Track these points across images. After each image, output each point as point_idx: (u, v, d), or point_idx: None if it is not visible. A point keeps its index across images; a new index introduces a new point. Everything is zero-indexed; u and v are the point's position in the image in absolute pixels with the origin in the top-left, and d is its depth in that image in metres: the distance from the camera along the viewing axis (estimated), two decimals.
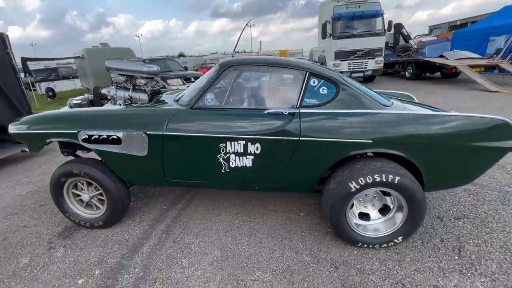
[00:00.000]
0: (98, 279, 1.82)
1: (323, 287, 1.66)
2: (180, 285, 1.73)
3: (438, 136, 1.76)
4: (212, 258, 1.94)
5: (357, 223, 1.94)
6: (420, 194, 1.73)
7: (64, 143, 2.29)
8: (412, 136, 1.76)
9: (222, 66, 2.00)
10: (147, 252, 2.05)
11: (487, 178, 2.84)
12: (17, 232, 2.41)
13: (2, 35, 3.97)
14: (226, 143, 1.89)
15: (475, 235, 2.01)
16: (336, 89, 1.89)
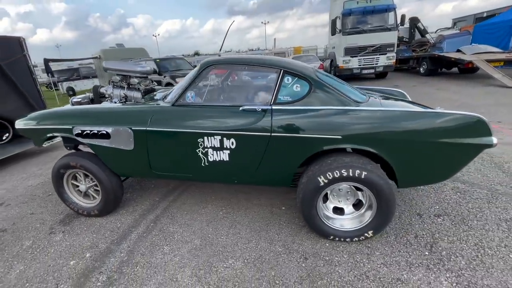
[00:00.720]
0: (88, 261, 2.00)
1: (289, 276, 1.74)
2: (158, 268, 1.88)
3: (409, 132, 1.77)
4: (192, 246, 2.08)
5: (328, 216, 1.99)
6: (388, 190, 1.76)
7: (66, 138, 2.50)
8: (381, 132, 1.79)
9: (202, 66, 2.11)
10: (134, 239, 2.22)
11: (480, 176, 2.77)
12: (25, 218, 2.67)
13: (19, 39, 4.32)
14: (204, 138, 2.00)
15: (452, 232, 2.00)
16: (309, 86, 1.95)
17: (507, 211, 2.17)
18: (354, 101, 1.94)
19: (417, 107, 2.14)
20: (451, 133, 1.76)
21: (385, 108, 1.85)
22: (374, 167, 1.79)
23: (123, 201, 2.81)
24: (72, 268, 1.95)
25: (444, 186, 2.62)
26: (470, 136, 1.76)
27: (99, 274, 1.87)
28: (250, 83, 2.22)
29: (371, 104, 1.98)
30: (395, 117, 1.79)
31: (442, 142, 1.76)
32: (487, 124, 1.75)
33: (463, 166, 1.90)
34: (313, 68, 2.18)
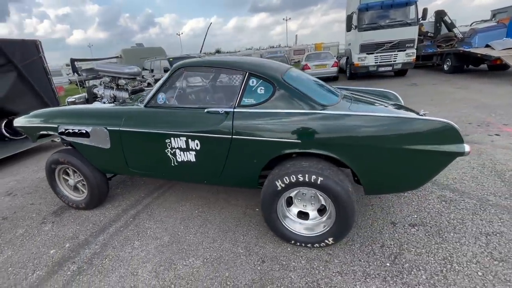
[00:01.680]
0: (65, 251, 2.16)
1: (242, 278, 1.75)
2: (123, 262, 1.98)
3: (370, 138, 1.70)
4: (160, 243, 2.16)
5: (291, 221, 1.97)
6: (345, 196, 1.70)
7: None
8: (341, 137, 1.73)
9: (173, 68, 2.17)
10: (111, 232, 2.35)
11: (474, 184, 2.56)
12: (25, 208, 2.93)
13: (35, 42, 4.69)
14: (171, 139, 2.07)
15: (422, 244, 1.89)
16: (272, 89, 1.93)
17: (492, 224, 2.01)
18: (320, 104, 1.89)
19: (393, 111, 2.04)
20: (418, 140, 1.66)
21: (347, 112, 1.78)
22: (333, 173, 1.74)
23: (112, 196, 2.98)
24: (51, 256, 2.12)
25: (430, 194, 2.47)
26: (439, 143, 1.65)
27: (72, 264, 2.01)
28: (219, 85, 2.24)
29: (339, 107, 1.92)
30: (356, 121, 1.73)
31: (407, 149, 1.67)
32: (457, 131, 1.63)
33: (434, 175, 1.79)
34: (285, 69, 2.15)
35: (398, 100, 2.82)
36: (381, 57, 9.76)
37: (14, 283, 1.88)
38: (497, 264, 1.67)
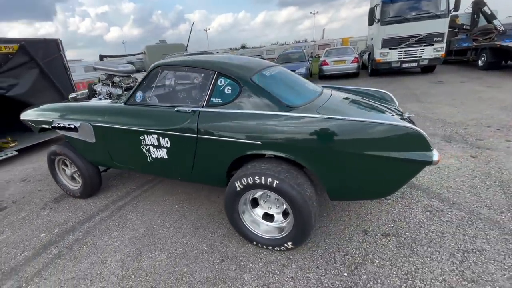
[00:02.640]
0: (53, 236, 2.36)
1: (198, 275, 1.79)
2: (98, 250, 2.12)
3: (332, 141, 1.62)
4: (135, 234, 2.27)
5: (254, 222, 1.96)
6: (301, 201, 1.65)
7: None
8: (299, 140, 1.68)
9: (150, 67, 2.23)
10: (96, 221, 2.51)
11: (469, 195, 2.34)
12: (32, 193, 3.23)
13: (56, 41, 5.08)
14: (144, 136, 2.15)
15: (389, 256, 1.78)
16: (238, 89, 1.91)
17: (474, 241, 1.83)
18: (286, 105, 1.84)
19: (366, 115, 1.93)
20: (380, 146, 1.56)
21: (309, 114, 1.71)
22: (290, 176, 1.69)
23: (107, 187, 3.18)
24: (40, 239, 2.33)
25: (416, 203, 2.30)
26: (403, 150, 1.54)
27: (55, 248, 2.19)
28: (192, 84, 2.27)
29: (305, 109, 1.85)
30: (316, 124, 1.66)
31: (369, 155, 1.58)
32: (424, 138, 1.51)
33: (402, 184, 1.67)
34: (259, 68, 2.11)
35: (392, 101, 2.67)
36: (405, 52, 9.14)
37: (4, 261, 2.10)
38: (466, 284, 1.52)
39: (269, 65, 2.31)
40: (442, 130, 3.94)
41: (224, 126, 1.86)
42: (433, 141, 3.52)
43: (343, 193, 1.79)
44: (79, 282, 1.82)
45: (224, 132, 1.85)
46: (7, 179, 3.75)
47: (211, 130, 1.89)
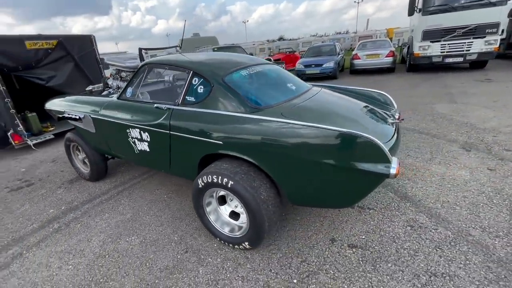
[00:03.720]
0: (59, 212, 2.70)
1: (161, 262, 1.91)
2: (88, 229, 2.38)
3: (285, 146, 1.59)
4: (122, 218, 2.49)
5: (219, 219, 2.01)
6: (254, 203, 1.65)
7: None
8: (257, 142, 1.67)
9: (140, 65, 2.38)
10: (96, 203, 2.80)
11: (466, 212, 2.09)
12: (56, 174, 3.70)
13: (90, 37, 5.60)
14: (130, 130, 2.32)
15: (347, 269, 1.70)
16: (210, 88, 1.95)
17: (449, 264, 1.65)
18: (253, 107, 1.83)
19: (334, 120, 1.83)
20: (332, 154, 1.49)
21: (267, 117, 1.68)
22: (246, 178, 1.69)
23: (115, 172, 3.49)
24: (48, 214, 2.68)
25: (400, 215, 2.13)
26: (357, 160, 1.45)
27: (56, 223, 2.52)
28: (172, 82, 2.35)
29: (273, 112, 1.81)
30: (272, 127, 1.63)
31: (322, 162, 1.51)
32: (380, 148, 1.40)
33: (361, 195, 1.57)
34: (237, 67, 2.11)
35: (390, 104, 2.47)
36: (450, 45, 8.16)
37: (16, 230, 2.47)
38: None
39: (251, 64, 2.29)
40: (466, 137, 3.51)
41: (192, 125, 1.92)
42: (448, 148, 3.18)
43: (300, 199, 1.74)
44: (64, 255, 2.08)
45: (191, 130, 1.92)
46: (41, 159, 4.33)
47: (181, 127, 1.97)
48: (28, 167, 4.06)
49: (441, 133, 3.71)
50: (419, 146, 3.36)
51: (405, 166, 2.91)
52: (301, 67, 9.88)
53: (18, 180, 3.61)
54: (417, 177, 2.66)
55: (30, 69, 4.71)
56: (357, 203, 1.66)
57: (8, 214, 2.76)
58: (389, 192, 2.46)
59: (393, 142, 1.75)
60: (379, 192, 2.49)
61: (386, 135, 1.77)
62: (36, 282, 1.84)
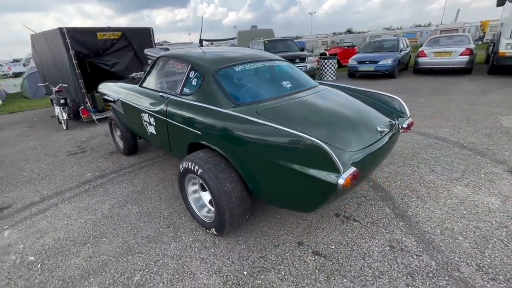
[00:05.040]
0: (92, 177, 3.27)
1: (145, 231, 2.19)
2: (106, 194, 2.84)
3: (246, 143, 1.64)
4: (133, 189, 2.88)
5: (198, 203, 2.17)
6: (216, 193, 1.75)
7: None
8: (225, 136, 1.76)
9: (157, 57, 2.66)
10: (121, 173, 3.29)
11: (468, 245, 1.77)
12: (104, 145, 4.42)
13: (149, 29, 6.33)
14: (143, 114, 2.64)
15: (299, 274, 1.67)
16: (201, 82, 2.09)
17: None
18: (234, 102, 1.91)
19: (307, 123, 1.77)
20: (287, 156, 1.49)
21: (238, 114, 1.74)
22: (214, 168, 1.79)
23: (145, 150, 3.99)
24: (85, 177, 3.28)
25: (386, 234, 1.94)
26: (306, 165, 1.42)
27: (88, 185, 3.07)
28: (178, 74, 2.55)
29: (250, 109, 1.85)
30: (238, 124, 1.69)
31: (276, 163, 1.53)
32: (328, 155, 1.34)
33: (316, 202, 1.53)
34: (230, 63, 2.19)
35: (400, 111, 2.24)
36: None
37: (61, 185, 3.11)
38: None
39: (253, 60, 2.34)
40: None
41: (181, 114, 2.10)
42: (488, 169, 2.68)
43: (261, 195, 1.77)
44: (82, 211, 2.55)
45: (180, 119, 2.11)
46: (98, 132, 5.20)
47: (174, 115, 2.18)
48: (88, 137, 4.94)
49: (490, 151, 3.11)
50: (452, 162, 2.90)
51: (422, 183, 2.57)
52: (353, 64, 9.22)
53: (77, 147, 4.45)
54: (429, 197, 2.34)
55: (99, 56, 5.63)
56: (315, 210, 1.59)
57: (60, 173, 3.47)
58: (386, 207, 2.24)
59: (368, 152, 1.61)
60: (374, 205, 2.29)
61: (360, 143, 1.64)
62: (57, 227, 2.33)
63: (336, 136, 1.61)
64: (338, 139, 1.58)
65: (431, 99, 5.67)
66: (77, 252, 2.01)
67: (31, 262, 1.95)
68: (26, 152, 4.38)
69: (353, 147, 1.58)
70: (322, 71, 9.80)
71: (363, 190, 2.53)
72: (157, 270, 1.79)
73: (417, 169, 2.85)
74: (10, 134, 5.60)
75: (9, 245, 2.15)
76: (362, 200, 2.38)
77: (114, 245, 2.06)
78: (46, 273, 1.84)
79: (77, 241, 2.13)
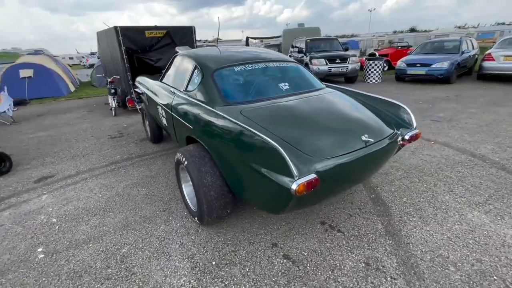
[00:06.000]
0: (120, 158, 3.72)
1: (144, 211, 2.44)
2: (125, 175, 3.21)
3: (223, 141, 1.73)
4: (147, 174, 3.20)
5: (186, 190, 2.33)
6: (196, 185, 1.87)
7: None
8: (207, 132, 1.87)
9: (174, 55, 2.90)
10: (143, 159, 3.67)
11: (458, 277, 1.57)
12: (138, 132, 4.94)
13: (191, 28, 6.77)
14: (158, 107, 2.91)
15: (261, 273, 1.70)
16: (201, 80, 2.23)
17: None
18: (224, 101, 2.01)
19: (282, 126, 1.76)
20: (254, 158, 1.55)
21: (220, 112, 1.82)
22: (198, 161, 1.92)
23: (169, 140, 4.35)
24: (114, 159, 3.74)
25: (366, 250, 1.83)
26: (270, 168, 1.45)
27: (114, 166, 3.51)
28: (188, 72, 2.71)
29: (236, 108, 1.92)
30: (218, 123, 1.78)
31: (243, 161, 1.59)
32: (284, 159, 1.35)
33: (280, 205, 1.55)
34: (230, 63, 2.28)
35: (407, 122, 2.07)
36: None
37: (94, 163, 3.61)
38: None
39: (256, 61, 2.39)
40: None
41: (181, 109, 2.28)
42: None
43: (236, 192, 1.83)
44: (102, 187, 2.95)
45: (180, 113, 2.29)
46: (138, 120, 5.80)
47: (176, 109, 2.37)
48: (128, 124, 5.57)
49: None
50: (480, 185, 2.53)
51: (433, 202, 2.32)
52: (402, 66, 8.44)
53: (118, 131, 5.07)
54: (434, 219, 2.11)
55: (145, 52, 6.25)
56: (282, 213, 1.59)
57: (97, 153, 4.02)
58: (379, 223, 2.10)
59: (343, 161, 1.54)
60: (367, 218, 2.16)
61: (335, 150, 1.57)
62: (80, 198, 2.75)
63: (307, 141, 1.58)
64: (308, 144, 1.55)
65: (485, 111, 4.92)
66: (87, 220, 2.36)
67: (53, 223, 2.35)
68: (79, 132, 5.15)
69: (325, 154, 1.54)
70: (366, 73, 9.21)
71: (361, 202, 2.39)
72: (142, 247, 2.00)
73: (433, 187, 2.56)
74: (72, 116, 6.62)
75: (43, 207, 2.62)
76: (355, 211, 2.26)
77: (116, 220, 2.35)
78: (60, 233, 2.20)
79: (90, 212, 2.49)
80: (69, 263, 1.88)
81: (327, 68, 8.50)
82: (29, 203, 2.70)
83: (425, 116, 4.88)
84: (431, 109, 5.31)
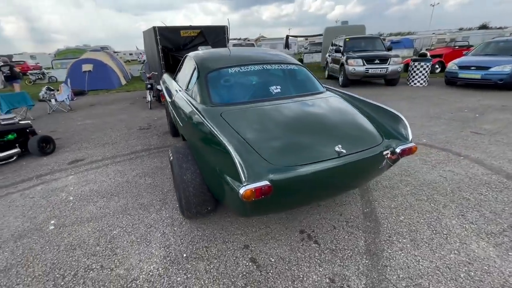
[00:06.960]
0: (141, 149, 4.07)
1: (144, 199, 2.66)
2: (140, 164, 3.51)
3: (198, 143, 1.81)
4: (158, 165, 3.46)
5: None
6: (176, 180, 1.99)
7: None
8: (187, 131, 1.97)
9: (184, 56, 3.07)
10: (160, 151, 3.97)
11: None
12: (164, 126, 5.31)
13: (223, 27, 6.98)
14: (168, 103, 3.12)
15: (224, 271, 1.73)
16: (197, 81, 2.33)
17: None
18: (211, 102, 2.08)
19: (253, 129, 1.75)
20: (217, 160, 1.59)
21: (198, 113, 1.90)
22: (182, 157, 2.02)
23: None
24: (136, 148, 4.11)
25: (338, 266, 1.73)
26: (227, 172, 1.48)
27: (134, 155, 3.86)
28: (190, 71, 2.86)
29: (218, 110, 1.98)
30: (194, 124, 1.87)
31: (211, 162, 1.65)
32: (234, 161, 1.38)
33: (241, 209, 1.57)
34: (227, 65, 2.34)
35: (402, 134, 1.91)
36: None
37: (119, 151, 4.02)
38: None
39: (255, 62, 2.40)
40: None
41: (177, 106, 2.43)
42: None
43: (210, 190, 1.89)
44: (117, 172, 3.29)
45: (176, 110, 2.44)
46: None
47: (174, 106, 2.53)
48: (159, 117, 6.02)
49: None
50: (501, 212, 2.18)
51: (434, 226, 2.08)
52: (453, 69, 7.51)
53: (147, 124, 5.53)
54: (428, 244, 1.90)
55: (179, 51, 6.66)
56: (245, 217, 1.61)
57: (124, 142, 4.46)
58: (362, 240, 1.96)
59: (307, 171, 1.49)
60: (351, 233, 2.03)
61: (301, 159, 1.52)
62: (96, 181, 3.11)
63: (272, 146, 1.56)
64: (271, 150, 1.53)
65: None
66: (96, 202, 2.67)
67: (69, 201, 2.71)
68: (116, 122, 5.76)
69: (287, 161, 1.50)
70: (410, 75, 8.42)
71: (351, 214, 2.25)
72: (130, 231, 2.20)
73: (442, 208, 2.28)
74: (116, 107, 7.40)
75: (66, 186, 3.04)
76: (341, 224, 2.14)
77: (118, 204, 2.61)
78: (72, 210, 2.54)
79: (101, 194, 2.81)
80: (69, 236, 2.17)
81: (364, 69, 7.99)
82: (58, 181, 3.15)
83: (465, 126, 4.30)
84: (476, 119, 4.66)
